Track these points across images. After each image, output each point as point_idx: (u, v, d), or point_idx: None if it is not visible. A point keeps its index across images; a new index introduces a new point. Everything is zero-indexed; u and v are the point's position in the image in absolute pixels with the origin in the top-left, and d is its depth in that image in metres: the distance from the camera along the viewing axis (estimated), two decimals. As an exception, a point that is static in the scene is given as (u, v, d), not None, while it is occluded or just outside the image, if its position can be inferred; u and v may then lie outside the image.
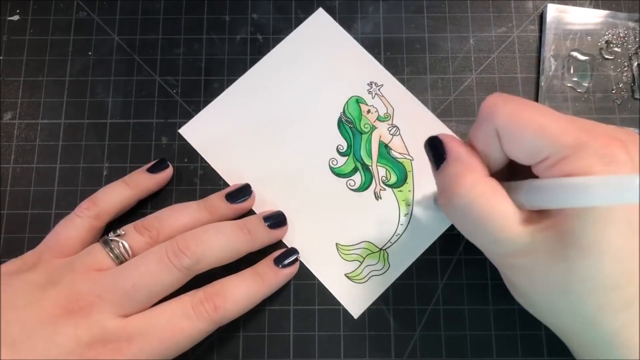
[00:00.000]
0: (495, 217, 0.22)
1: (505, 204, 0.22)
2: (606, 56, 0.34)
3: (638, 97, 0.33)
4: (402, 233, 0.32)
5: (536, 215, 0.22)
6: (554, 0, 0.35)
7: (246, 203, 0.31)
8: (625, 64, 0.34)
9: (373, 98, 0.34)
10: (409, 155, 0.33)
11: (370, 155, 0.33)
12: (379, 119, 0.34)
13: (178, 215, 0.29)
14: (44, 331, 0.24)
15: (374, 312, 0.31)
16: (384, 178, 0.33)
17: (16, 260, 0.28)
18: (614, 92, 0.34)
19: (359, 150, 0.33)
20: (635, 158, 0.20)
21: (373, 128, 0.34)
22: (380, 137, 0.34)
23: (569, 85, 0.34)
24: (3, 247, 0.32)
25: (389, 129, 0.34)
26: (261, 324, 0.31)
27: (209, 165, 0.33)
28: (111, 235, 0.28)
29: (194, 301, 0.26)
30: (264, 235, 0.30)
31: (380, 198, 0.33)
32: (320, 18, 0.35)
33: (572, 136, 0.20)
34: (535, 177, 0.23)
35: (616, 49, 0.34)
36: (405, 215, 0.32)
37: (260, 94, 0.34)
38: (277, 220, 0.31)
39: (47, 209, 0.32)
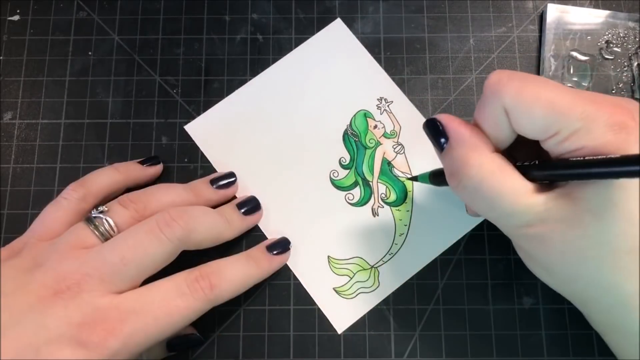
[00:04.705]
0: (507, 192, 0.22)
1: (514, 178, 0.23)
2: (606, 56, 0.34)
3: (638, 97, 0.33)
4: (396, 253, 0.31)
5: (546, 185, 0.23)
6: (554, 0, 0.35)
7: (230, 189, 0.31)
8: (625, 64, 0.34)
9: (381, 114, 0.34)
10: (411, 175, 0.33)
11: (372, 171, 0.33)
12: (385, 135, 0.33)
13: (166, 191, 0.29)
14: (32, 315, 0.23)
15: (374, 312, 0.31)
16: (383, 195, 0.33)
17: (4, 249, 0.27)
18: (614, 92, 0.34)
19: (361, 164, 0.33)
20: None
21: (378, 144, 0.33)
22: (384, 153, 0.33)
23: (569, 85, 0.34)
24: (3, 247, 0.32)
25: (394, 147, 0.33)
26: (261, 324, 0.31)
27: (209, 165, 0.33)
28: (94, 212, 0.27)
29: (190, 279, 0.26)
30: (240, 223, 0.30)
31: (378, 215, 0.32)
32: (337, 28, 0.35)
33: (580, 108, 0.21)
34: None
35: (616, 49, 0.34)
36: (401, 235, 0.32)
37: (270, 98, 0.34)
38: (250, 206, 0.31)
39: (47, 209, 0.32)
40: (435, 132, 0.25)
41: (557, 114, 0.21)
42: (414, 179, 0.32)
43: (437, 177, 0.29)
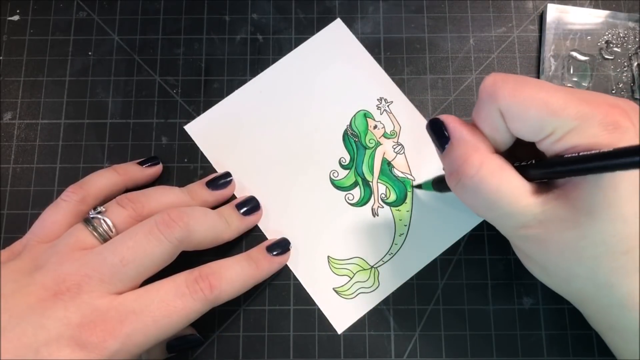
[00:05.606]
0: (505, 192, 0.23)
1: (513, 178, 0.23)
2: (606, 56, 0.34)
3: (638, 97, 0.33)
4: (396, 253, 0.31)
5: (544, 186, 0.23)
6: (554, 0, 0.35)
7: (227, 189, 0.31)
8: (625, 64, 0.34)
9: (381, 114, 0.34)
10: (411, 175, 0.33)
11: (371, 171, 0.33)
12: (385, 135, 0.33)
13: (164, 192, 0.29)
14: (32, 316, 0.23)
15: (374, 312, 0.31)
16: (383, 195, 0.32)
17: (4, 251, 0.27)
18: (614, 92, 0.34)
19: (361, 164, 0.33)
20: (636, 124, 0.21)
21: (378, 144, 0.33)
22: (384, 154, 0.33)
23: (569, 85, 0.34)
24: (3, 247, 0.32)
25: (394, 147, 0.33)
26: (261, 324, 0.31)
27: (209, 165, 0.33)
28: (92, 213, 0.27)
29: (189, 280, 0.26)
30: (239, 223, 0.30)
31: (377, 215, 0.32)
32: (337, 29, 0.35)
33: (574, 108, 0.21)
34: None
35: (616, 49, 0.34)
36: (401, 235, 0.32)
37: (270, 99, 0.34)
38: (250, 206, 0.31)
39: (47, 209, 0.32)
40: (438, 132, 0.25)
41: (552, 114, 0.21)
42: (418, 187, 0.32)
43: (439, 184, 0.29)
